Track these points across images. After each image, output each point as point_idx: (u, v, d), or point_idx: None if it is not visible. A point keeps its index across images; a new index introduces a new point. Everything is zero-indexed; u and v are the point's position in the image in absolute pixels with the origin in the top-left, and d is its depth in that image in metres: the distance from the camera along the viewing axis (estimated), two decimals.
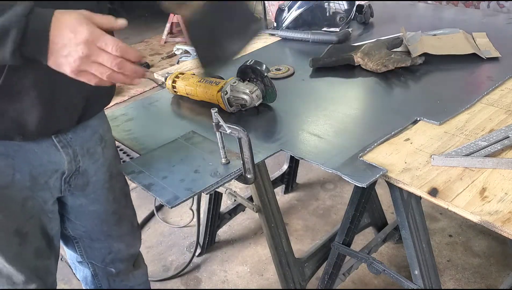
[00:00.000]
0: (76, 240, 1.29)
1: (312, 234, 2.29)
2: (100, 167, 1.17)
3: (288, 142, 1.22)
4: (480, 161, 1.03)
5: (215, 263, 2.18)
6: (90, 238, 1.28)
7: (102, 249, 1.32)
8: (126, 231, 1.34)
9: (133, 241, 1.39)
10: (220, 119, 1.01)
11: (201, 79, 1.42)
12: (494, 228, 0.89)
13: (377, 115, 1.34)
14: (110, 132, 1.23)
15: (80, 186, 1.15)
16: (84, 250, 1.32)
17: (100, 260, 1.34)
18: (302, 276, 1.73)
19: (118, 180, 1.25)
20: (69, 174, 1.09)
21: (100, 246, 1.31)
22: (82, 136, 1.09)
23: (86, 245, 1.30)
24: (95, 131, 1.13)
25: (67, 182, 1.10)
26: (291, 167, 2.45)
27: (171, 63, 4.45)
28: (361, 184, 1.02)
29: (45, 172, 1.04)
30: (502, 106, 1.28)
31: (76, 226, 1.25)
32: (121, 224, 1.31)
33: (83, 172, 1.13)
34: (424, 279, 1.39)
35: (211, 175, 1.05)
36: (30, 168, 1.01)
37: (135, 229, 1.39)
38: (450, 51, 1.60)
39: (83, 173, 1.12)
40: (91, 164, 1.14)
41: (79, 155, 1.09)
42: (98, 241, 1.29)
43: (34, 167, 1.01)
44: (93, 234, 1.27)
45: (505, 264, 2.01)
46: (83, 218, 1.23)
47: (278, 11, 2.03)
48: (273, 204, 1.61)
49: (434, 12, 2.25)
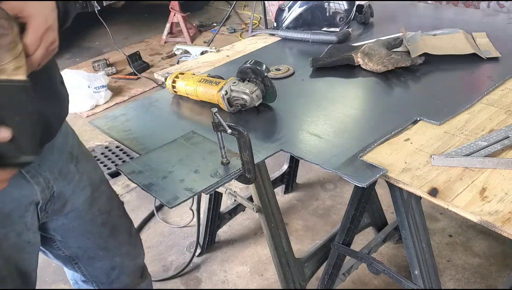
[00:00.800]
0: (75, 260, 1.24)
1: (312, 234, 2.29)
2: (77, 184, 1.12)
3: (288, 142, 1.22)
4: (480, 161, 1.03)
5: (215, 263, 2.18)
6: (88, 256, 1.23)
7: (104, 266, 1.26)
8: (124, 241, 1.29)
9: (134, 250, 1.34)
10: (220, 119, 1.01)
11: (201, 79, 1.42)
12: (494, 228, 0.89)
13: (377, 115, 1.34)
14: (81, 145, 1.17)
15: (57, 210, 1.10)
16: (86, 269, 1.26)
17: (105, 278, 1.28)
18: (302, 276, 1.74)
19: (102, 191, 1.20)
20: (44, 202, 1.04)
21: (102, 264, 1.26)
22: (50, 159, 1.03)
23: (86, 264, 1.25)
24: (62, 151, 1.07)
25: (43, 210, 1.05)
26: (291, 167, 2.45)
27: (171, 63, 4.45)
28: (361, 184, 1.02)
29: (19, 207, 0.99)
30: (502, 106, 1.28)
31: (68, 244, 1.20)
32: (116, 234, 1.26)
33: (59, 196, 1.07)
34: (424, 279, 1.39)
35: (211, 175, 1.05)
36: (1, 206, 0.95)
37: (134, 237, 1.33)
38: (450, 51, 1.60)
39: (58, 196, 1.07)
40: (66, 185, 1.08)
41: (51, 180, 1.03)
42: (98, 258, 1.24)
43: (5, 204, 0.96)
44: (89, 250, 1.22)
45: (505, 264, 2.01)
46: (71, 235, 1.18)
47: (278, 11, 2.03)
48: (273, 204, 1.61)
49: (434, 12, 2.25)
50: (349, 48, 1.70)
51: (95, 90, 3.66)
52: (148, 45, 5.05)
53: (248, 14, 5.52)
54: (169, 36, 5.08)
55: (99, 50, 5.01)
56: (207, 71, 1.68)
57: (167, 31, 5.06)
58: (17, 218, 0.99)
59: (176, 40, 5.01)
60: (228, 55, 1.85)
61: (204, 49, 2.05)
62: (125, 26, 5.66)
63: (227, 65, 1.76)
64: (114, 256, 1.27)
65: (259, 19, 5.24)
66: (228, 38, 4.93)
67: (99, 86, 3.68)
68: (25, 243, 1.04)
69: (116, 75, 4.27)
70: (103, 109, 3.67)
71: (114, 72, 4.30)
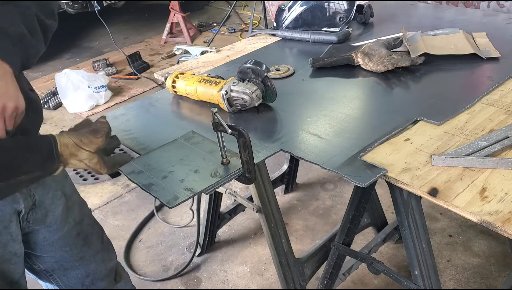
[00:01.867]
0: (50, 273, 1.24)
1: (312, 234, 2.29)
2: (55, 193, 1.13)
3: (288, 142, 1.22)
4: (480, 161, 1.03)
5: (215, 263, 2.18)
6: (64, 268, 1.24)
7: (78, 275, 1.27)
8: (98, 248, 1.29)
9: (107, 256, 1.34)
10: (220, 119, 1.01)
11: (201, 79, 1.42)
12: (494, 228, 0.89)
13: (377, 115, 1.34)
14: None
15: (39, 219, 1.11)
16: (60, 279, 1.26)
17: (79, 285, 1.29)
18: (302, 276, 1.73)
19: (74, 200, 1.21)
20: (26, 211, 1.06)
21: (76, 273, 1.26)
22: None
23: (61, 275, 1.25)
24: None
25: (25, 219, 1.07)
26: (291, 167, 2.45)
27: (171, 63, 4.45)
28: (361, 184, 1.02)
29: (4, 217, 1.00)
30: (502, 106, 1.28)
31: (46, 259, 1.20)
32: (90, 242, 1.26)
33: (40, 204, 1.09)
34: (424, 279, 1.39)
35: (211, 175, 1.05)
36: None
37: (106, 243, 1.35)
38: (450, 51, 1.60)
39: (40, 205, 1.09)
40: (46, 194, 1.10)
41: (31, 188, 1.05)
42: (73, 268, 1.25)
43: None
44: (65, 263, 1.23)
45: (505, 264, 2.01)
46: (50, 250, 1.18)
47: (278, 11, 2.03)
48: (273, 204, 1.61)
49: (434, 12, 2.25)
50: (349, 48, 1.70)
51: (95, 90, 3.65)
52: (148, 45, 5.05)
53: (248, 14, 5.52)
54: (169, 36, 5.09)
55: (99, 50, 5.01)
56: (207, 71, 1.68)
57: (167, 31, 5.06)
58: (2, 229, 1.00)
59: (176, 40, 5.01)
60: (228, 55, 1.85)
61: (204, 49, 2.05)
62: (125, 26, 5.66)
63: (227, 65, 1.76)
64: (89, 264, 1.27)
65: (259, 19, 5.24)
66: (228, 38, 4.93)
67: (99, 86, 3.68)
68: (11, 254, 1.05)
69: (116, 75, 4.27)
70: (103, 109, 3.67)
71: (114, 72, 4.30)
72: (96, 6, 4.36)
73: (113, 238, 2.33)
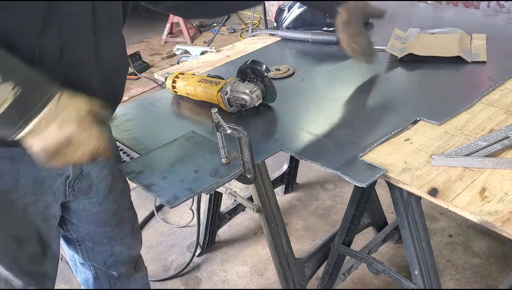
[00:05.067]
0: (79, 242, 1.30)
1: (312, 234, 2.29)
2: (102, 169, 1.17)
3: (288, 142, 1.22)
4: (480, 161, 1.03)
5: (215, 263, 2.18)
6: (93, 241, 1.29)
7: (104, 252, 1.32)
8: (128, 233, 1.34)
9: (134, 243, 1.39)
10: (220, 119, 1.01)
11: (201, 79, 1.42)
12: (494, 228, 0.89)
13: (377, 115, 1.34)
14: (111, 132, 1.23)
15: (84, 190, 1.15)
16: (86, 252, 1.32)
17: (102, 263, 1.34)
18: (302, 276, 1.73)
19: (119, 180, 1.25)
20: (73, 177, 1.09)
21: (102, 249, 1.31)
22: None
23: (88, 247, 1.30)
24: None
25: (71, 186, 1.10)
26: (291, 167, 2.45)
27: (171, 63, 4.45)
28: (361, 184, 1.02)
29: (50, 176, 1.04)
30: (502, 106, 1.28)
31: (79, 229, 1.25)
32: (123, 225, 1.31)
33: (87, 175, 1.13)
34: (424, 279, 1.39)
35: (211, 175, 1.05)
36: (35, 172, 1.00)
37: (136, 231, 1.39)
38: (437, 52, 1.59)
39: (86, 176, 1.13)
40: (94, 166, 1.14)
41: None
42: (101, 243, 1.30)
43: (38, 172, 1.01)
44: (95, 236, 1.28)
45: (505, 264, 2.01)
46: (85, 221, 1.23)
47: (278, 11, 2.03)
48: (273, 204, 1.61)
49: (434, 12, 2.25)
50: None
51: None
52: (148, 45, 5.05)
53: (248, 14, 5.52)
54: (169, 36, 5.09)
55: None
56: (207, 71, 1.68)
57: (167, 31, 5.06)
58: (47, 187, 1.04)
59: (176, 40, 5.01)
60: (228, 55, 1.85)
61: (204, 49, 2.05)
62: (125, 26, 5.65)
63: (227, 65, 1.76)
64: (115, 245, 1.32)
65: (259, 19, 5.24)
66: (228, 38, 4.93)
67: None
68: (51, 215, 1.09)
69: None
70: None
71: None
72: None
73: None
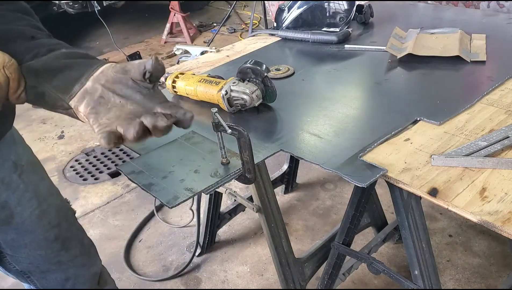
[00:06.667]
0: (27, 274, 1.19)
1: (312, 234, 2.29)
2: (23, 195, 1.08)
3: (288, 142, 1.22)
4: (480, 161, 1.03)
5: (215, 263, 2.18)
6: (40, 270, 1.18)
7: (57, 278, 1.22)
8: (77, 253, 1.23)
9: (89, 260, 1.29)
10: (220, 119, 1.01)
11: (201, 79, 1.42)
12: (494, 228, 0.89)
13: (377, 115, 1.34)
14: (29, 155, 1.14)
15: (4, 220, 1.06)
16: (39, 282, 1.21)
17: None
18: (302, 276, 1.73)
19: (50, 203, 1.15)
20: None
21: (55, 276, 1.21)
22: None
23: (39, 277, 1.20)
24: (5, 159, 1.04)
25: None
26: (291, 167, 2.45)
27: (171, 63, 4.45)
28: (361, 184, 1.02)
29: None
30: (502, 106, 1.28)
31: (19, 259, 1.15)
32: (69, 247, 1.20)
33: (4, 205, 1.04)
34: (424, 279, 1.39)
35: (211, 175, 1.05)
36: None
37: (87, 247, 1.28)
38: (437, 52, 1.59)
39: (3, 206, 1.04)
40: (11, 194, 1.05)
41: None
42: (50, 271, 1.20)
43: None
44: (40, 265, 1.17)
45: (505, 264, 2.01)
46: (21, 251, 1.13)
47: (278, 11, 2.03)
48: (273, 204, 1.61)
49: (434, 12, 2.25)
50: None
51: None
52: (148, 45, 5.05)
53: (248, 14, 5.52)
54: (169, 36, 5.09)
55: (99, 50, 5.00)
56: (207, 71, 1.68)
57: (167, 31, 5.06)
58: None
59: (176, 40, 5.01)
60: (228, 55, 1.85)
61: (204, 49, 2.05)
62: (125, 26, 5.66)
63: (227, 65, 1.76)
64: (67, 268, 1.22)
65: (259, 19, 5.24)
66: (228, 38, 4.93)
67: None
68: None
69: None
70: None
71: None
72: (96, 6, 4.36)
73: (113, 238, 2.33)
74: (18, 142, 1.11)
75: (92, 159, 3.08)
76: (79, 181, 2.84)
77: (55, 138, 3.36)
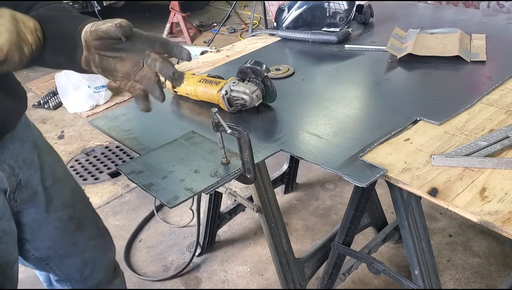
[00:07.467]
0: (46, 261, 1.22)
1: (312, 234, 2.29)
2: (41, 174, 1.12)
3: (288, 142, 1.22)
4: (480, 161, 1.03)
5: (215, 263, 2.18)
6: (59, 255, 1.22)
7: (76, 263, 1.25)
8: (93, 234, 1.27)
9: (104, 244, 1.32)
10: (220, 119, 1.01)
11: (201, 79, 1.42)
12: (494, 228, 0.89)
13: (377, 115, 1.34)
14: (43, 138, 1.18)
15: (27, 199, 1.09)
16: (58, 268, 1.25)
17: (78, 275, 1.28)
18: (302, 276, 1.74)
19: (65, 184, 1.19)
20: (12, 190, 1.04)
21: (73, 261, 1.25)
22: (13, 149, 1.04)
23: (57, 263, 1.24)
24: (25, 140, 1.08)
25: (12, 199, 1.05)
26: (291, 167, 2.45)
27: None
28: (361, 184, 1.02)
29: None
30: (502, 106, 1.28)
31: (38, 245, 1.19)
32: (84, 228, 1.24)
33: (26, 184, 1.07)
34: (424, 279, 1.39)
35: (211, 175, 1.05)
36: None
37: (102, 231, 1.32)
38: (438, 52, 1.59)
39: (26, 185, 1.07)
40: (33, 173, 1.09)
41: (15, 168, 1.04)
42: (68, 255, 1.23)
43: None
44: (59, 249, 1.21)
45: (505, 264, 2.01)
46: (40, 234, 1.17)
47: (278, 11, 2.03)
48: (273, 204, 1.61)
49: (434, 12, 2.25)
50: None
51: (95, 90, 3.65)
52: None
53: (248, 14, 5.53)
54: (169, 36, 5.09)
55: None
56: (207, 71, 1.68)
57: (167, 31, 5.06)
58: None
59: (176, 40, 5.01)
60: (228, 55, 1.85)
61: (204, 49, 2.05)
62: None
63: (227, 65, 1.76)
64: (84, 251, 1.25)
65: (259, 19, 5.24)
66: (228, 38, 4.93)
67: (99, 86, 3.68)
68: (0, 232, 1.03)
69: None
70: (103, 109, 3.67)
71: None
72: (96, 6, 4.37)
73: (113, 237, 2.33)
74: (32, 125, 1.16)
75: (92, 159, 3.08)
76: (79, 181, 2.84)
77: (55, 138, 3.36)
